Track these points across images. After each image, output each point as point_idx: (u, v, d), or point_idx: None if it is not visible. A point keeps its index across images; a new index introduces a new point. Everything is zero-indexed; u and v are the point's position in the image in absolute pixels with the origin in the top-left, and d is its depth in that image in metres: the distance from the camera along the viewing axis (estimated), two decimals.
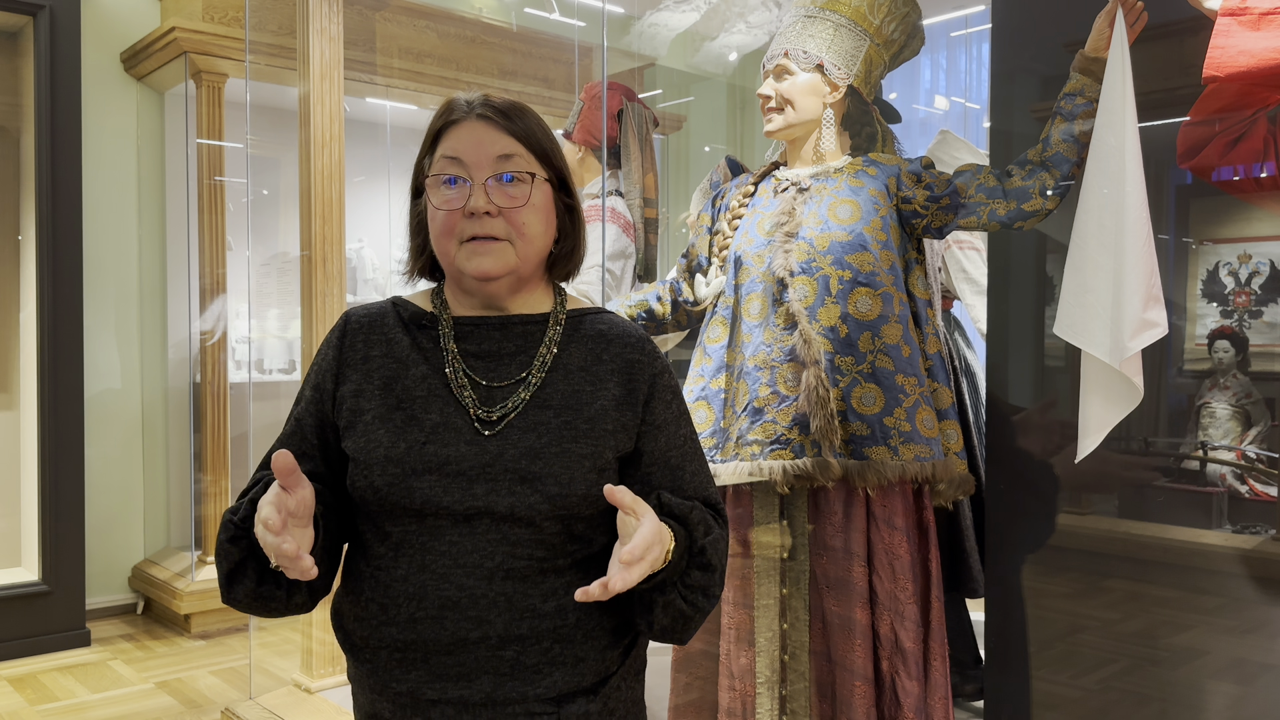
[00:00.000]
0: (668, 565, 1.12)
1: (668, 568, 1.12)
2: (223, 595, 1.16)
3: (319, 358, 1.27)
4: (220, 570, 1.14)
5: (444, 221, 1.19)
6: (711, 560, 1.17)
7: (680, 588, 1.15)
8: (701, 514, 1.19)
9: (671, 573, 1.13)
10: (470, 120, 1.21)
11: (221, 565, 1.14)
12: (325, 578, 1.19)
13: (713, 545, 1.18)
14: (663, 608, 1.15)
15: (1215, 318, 2.03)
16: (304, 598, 1.17)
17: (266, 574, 1.13)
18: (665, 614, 1.15)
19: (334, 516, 1.21)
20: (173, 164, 4.48)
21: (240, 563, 1.12)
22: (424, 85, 4.48)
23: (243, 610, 1.17)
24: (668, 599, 1.15)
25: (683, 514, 1.17)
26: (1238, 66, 1.60)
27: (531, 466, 1.15)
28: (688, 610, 1.16)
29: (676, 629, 1.17)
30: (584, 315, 1.28)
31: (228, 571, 1.13)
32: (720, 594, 1.20)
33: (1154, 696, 2.02)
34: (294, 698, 3.06)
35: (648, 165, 2.93)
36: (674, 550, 1.12)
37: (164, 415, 4.55)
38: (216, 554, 1.15)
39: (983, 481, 2.34)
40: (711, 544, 1.18)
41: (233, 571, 1.13)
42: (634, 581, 1.05)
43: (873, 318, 1.97)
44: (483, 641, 1.13)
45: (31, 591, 3.92)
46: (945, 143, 2.80)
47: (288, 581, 1.14)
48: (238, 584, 1.13)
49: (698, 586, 1.16)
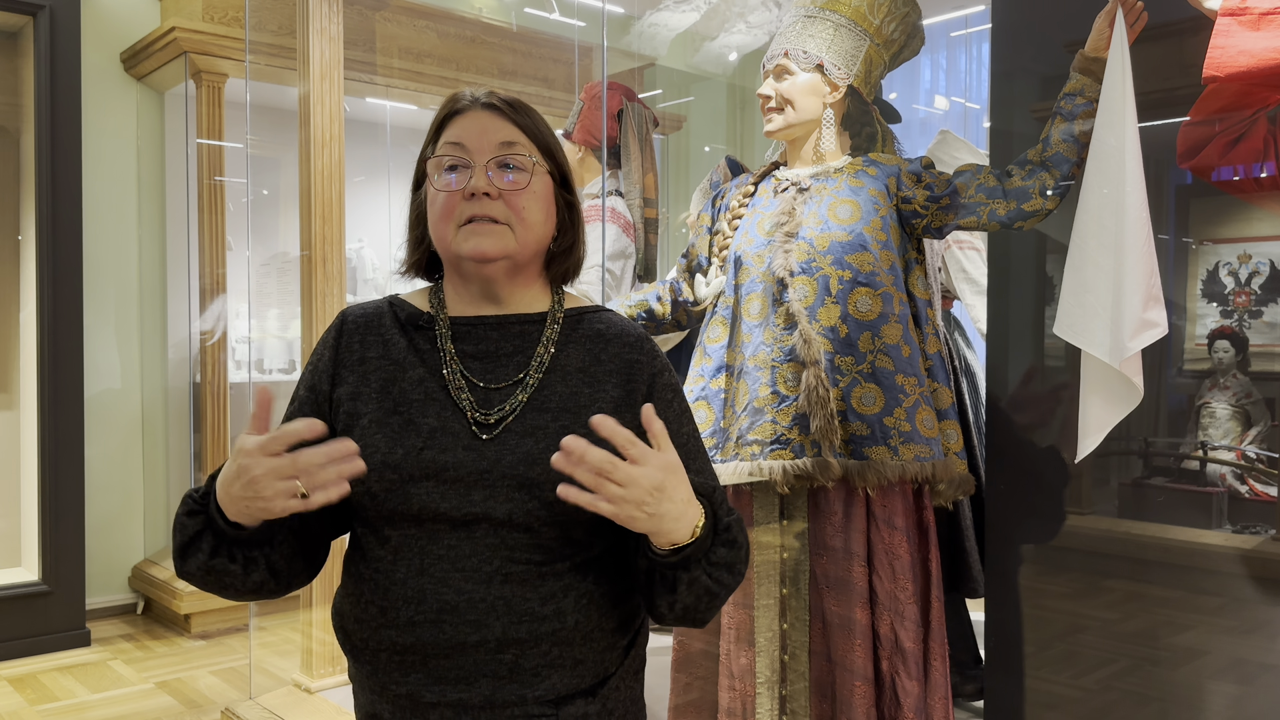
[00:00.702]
0: (695, 540, 1.11)
1: (695, 543, 1.11)
2: (176, 568, 1.15)
3: (315, 357, 1.26)
4: (175, 542, 1.14)
5: (444, 203, 1.19)
6: (737, 537, 1.16)
7: (706, 564, 1.14)
8: (723, 494, 1.19)
9: (698, 549, 1.12)
10: (475, 110, 1.22)
11: (176, 537, 1.13)
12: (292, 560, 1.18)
13: (738, 524, 1.18)
14: (688, 585, 1.13)
15: (1215, 318, 2.03)
16: (263, 575, 1.16)
17: (220, 547, 1.12)
18: (690, 592, 1.14)
19: (321, 514, 1.20)
20: (173, 164, 4.48)
21: (196, 534, 1.12)
22: (424, 85, 4.48)
23: (197, 585, 1.16)
24: (693, 575, 1.13)
25: (706, 492, 1.16)
26: (1238, 66, 1.60)
27: (529, 473, 1.14)
28: (713, 587, 1.15)
29: (700, 608, 1.16)
30: (582, 314, 1.28)
31: (182, 544, 1.13)
32: (743, 572, 1.19)
33: (1154, 696, 2.02)
34: (294, 698, 3.06)
35: (648, 165, 2.93)
36: (704, 524, 1.11)
37: (164, 415, 4.55)
38: (174, 527, 1.14)
39: (983, 481, 2.34)
40: (736, 522, 1.18)
41: (187, 544, 1.13)
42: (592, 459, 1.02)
43: (873, 318, 1.96)
44: (481, 645, 1.13)
45: (31, 591, 3.92)
46: (945, 143, 2.80)
47: (243, 555, 1.13)
48: (190, 556, 1.13)
49: (723, 563, 1.15)
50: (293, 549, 1.18)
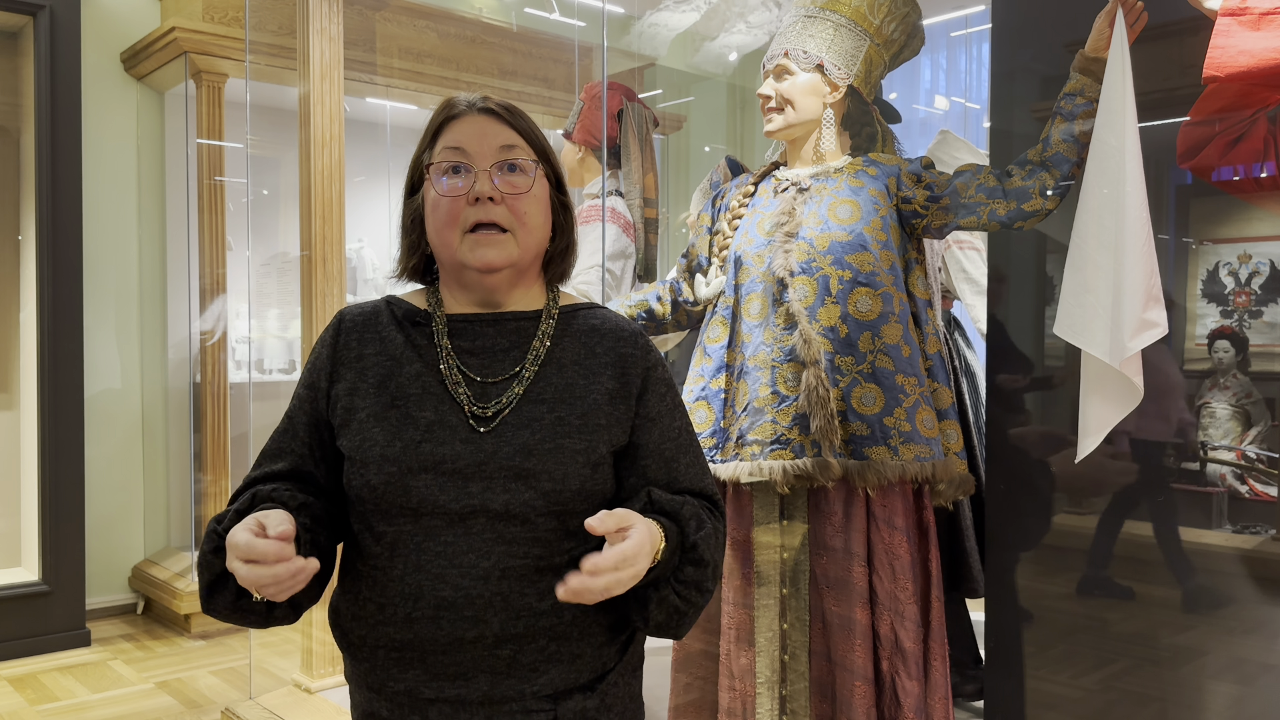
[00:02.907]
0: (659, 563, 1.12)
1: (659, 565, 1.12)
2: (203, 605, 1.16)
3: (313, 356, 1.27)
4: (201, 580, 1.14)
5: (448, 209, 1.20)
6: (704, 555, 1.17)
7: (674, 583, 1.15)
8: (694, 509, 1.19)
9: (664, 569, 1.14)
10: (472, 114, 1.23)
11: (203, 575, 1.13)
12: (312, 589, 1.18)
13: (705, 540, 1.18)
14: (657, 604, 1.15)
15: (1215, 318, 2.03)
16: (284, 611, 1.17)
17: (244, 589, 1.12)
18: (660, 610, 1.16)
19: (325, 525, 1.21)
20: (173, 164, 4.48)
21: (221, 574, 1.12)
22: (424, 85, 4.48)
23: (223, 620, 1.17)
24: (661, 595, 1.15)
25: (674, 510, 1.17)
26: (1238, 66, 1.60)
27: (526, 463, 1.15)
28: (681, 605, 1.16)
29: (672, 624, 1.18)
30: (576, 310, 1.29)
31: (209, 582, 1.13)
32: (713, 588, 1.20)
33: (1154, 696, 2.02)
34: (294, 698, 3.06)
35: (648, 165, 2.93)
36: (664, 549, 1.13)
37: (164, 415, 4.55)
38: (199, 564, 1.14)
39: (983, 481, 2.34)
40: (704, 539, 1.17)
41: (214, 582, 1.13)
42: (596, 589, 1.05)
43: (873, 318, 1.97)
44: (479, 641, 1.13)
45: (31, 591, 3.92)
46: (945, 143, 2.80)
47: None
48: (217, 595, 1.13)
49: (691, 581, 1.16)
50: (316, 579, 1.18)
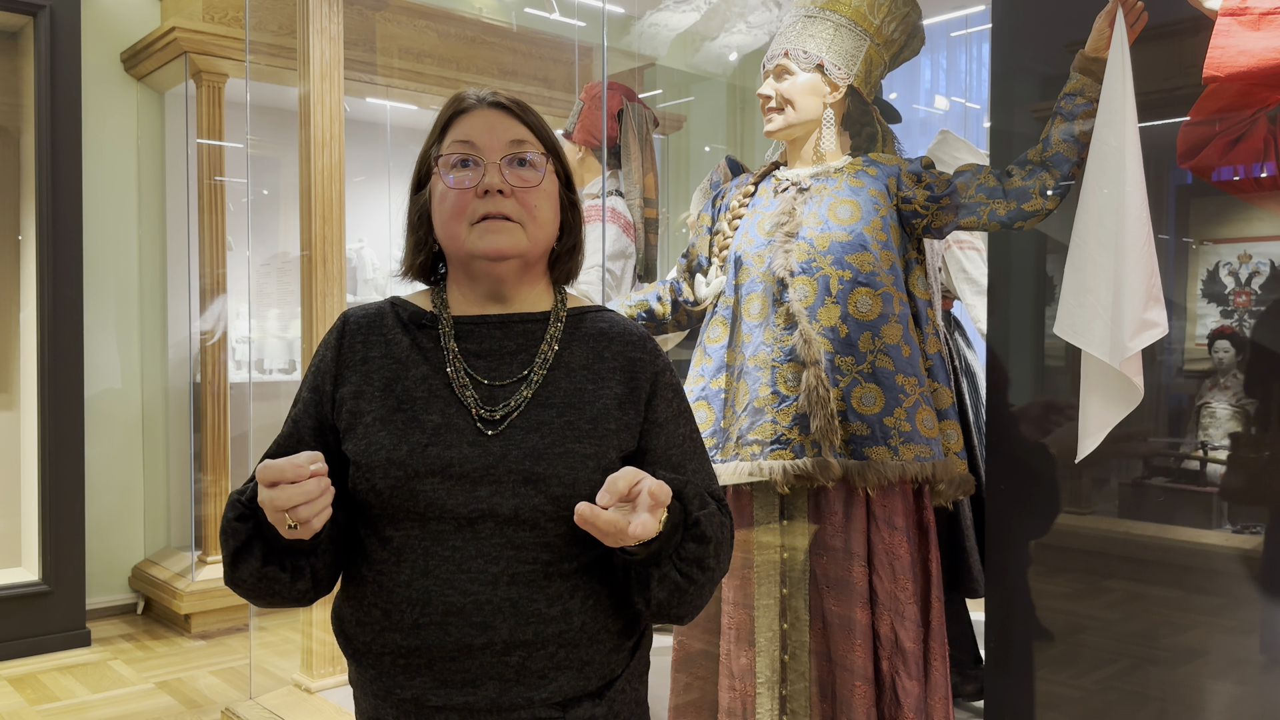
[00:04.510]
0: (660, 536, 1.10)
1: (660, 538, 1.10)
2: (226, 576, 1.15)
3: (317, 359, 1.26)
4: (225, 549, 1.13)
5: (455, 201, 1.19)
6: (706, 532, 1.16)
7: (675, 560, 1.14)
8: (696, 489, 1.18)
9: (665, 544, 1.12)
10: (482, 109, 1.22)
11: (228, 543, 1.12)
12: (332, 568, 1.19)
13: (708, 519, 1.16)
14: (658, 581, 1.14)
15: (1215, 318, 2.03)
16: (307, 585, 1.16)
17: (272, 554, 1.12)
18: (661, 588, 1.14)
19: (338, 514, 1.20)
20: (173, 164, 4.48)
21: (247, 541, 1.12)
22: (424, 85, 4.48)
23: (245, 594, 1.16)
24: (663, 572, 1.13)
25: (677, 488, 1.16)
26: (1238, 66, 1.60)
27: (535, 467, 1.14)
28: (683, 582, 1.14)
29: (674, 603, 1.16)
30: (584, 313, 1.28)
31: (234, 550, 1.12)
32: (716, 568, 1.18)
33: (1154, 696, 2.02)
34: (294, 698, 3.06)
35: (648, 165, 2.93)
36: (666, 521, 1.10)
37: (164, 415, 4.55)
38: (222, 532, 1.13)
39: (983, 481, 2.34)
40: (707, 517, 1.16)
41: (239, 550, 1.12)
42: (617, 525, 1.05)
43: (873, 318, 1.97)
44: (488, 647, 1.12)
45: (31, 591, 3.92)
46: (945, 143, 2.80)
47: (292, 564, 1.14)
48: (243, 563, 1.12)
49: (692, 559, 1.15)
50: (333, 556, 1.18)
